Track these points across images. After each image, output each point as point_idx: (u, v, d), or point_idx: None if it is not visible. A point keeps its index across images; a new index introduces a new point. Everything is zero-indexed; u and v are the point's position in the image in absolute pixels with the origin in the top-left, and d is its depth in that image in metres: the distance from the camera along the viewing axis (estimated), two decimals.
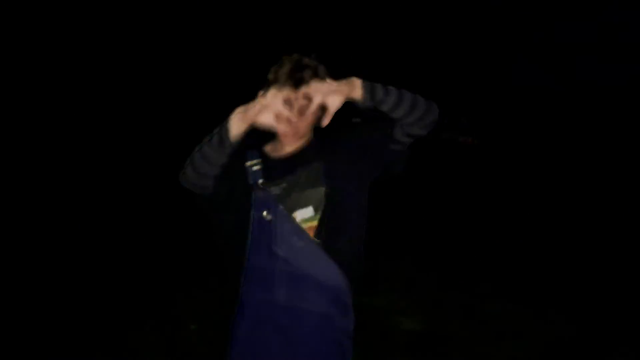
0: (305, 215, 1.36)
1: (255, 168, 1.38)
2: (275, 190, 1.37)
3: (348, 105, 1.29)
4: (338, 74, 1.35)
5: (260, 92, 1.33)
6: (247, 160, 1.40)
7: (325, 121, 1.27)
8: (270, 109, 1.24)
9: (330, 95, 1.24)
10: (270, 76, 1.38)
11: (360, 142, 1.42)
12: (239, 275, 1.35)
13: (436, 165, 10.68)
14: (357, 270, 1.38)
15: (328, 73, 1.39)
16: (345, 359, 1.37)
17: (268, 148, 1.47)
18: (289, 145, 1.44)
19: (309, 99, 1.30)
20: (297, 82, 1.34)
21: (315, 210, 1.37)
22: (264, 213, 1.32)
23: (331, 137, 1.43)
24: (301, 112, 1.35)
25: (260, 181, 1.36)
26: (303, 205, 1.37)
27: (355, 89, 1.28)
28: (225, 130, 1.28)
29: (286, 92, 1.31)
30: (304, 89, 1.30)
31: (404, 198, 7.12)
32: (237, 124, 1.27)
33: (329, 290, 1.32)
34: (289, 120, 1.33)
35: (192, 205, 1.45)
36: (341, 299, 1.34)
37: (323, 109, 1.27)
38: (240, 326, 1.35)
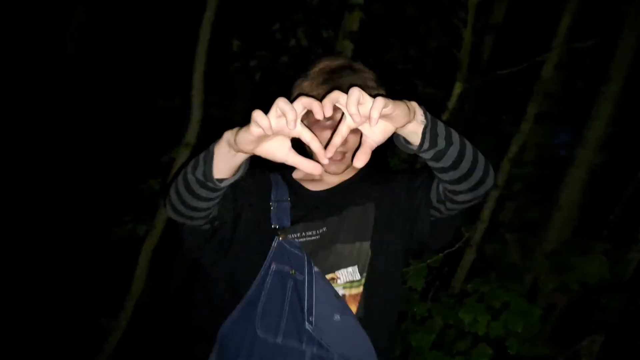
0: (350, 278, 0.96)
1: (281, 203, 0.97)
2: (310, 235, 0.97)
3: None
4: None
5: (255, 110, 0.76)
6: (270, 190, 1.00)
7: (360, 162, 0.78)
8: (282, 131, 0.73)
9: (376, 119, 0.72)
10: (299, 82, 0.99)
11: (404, 194, 1.01)
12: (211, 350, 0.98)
13: None
14: (388, 354, 1.04)
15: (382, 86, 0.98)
16: None
17: (301, 174, 1.05)
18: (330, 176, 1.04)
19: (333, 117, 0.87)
20: (330, 82, 0.92)
21: (361, 272, 0.97)
22: (290, 270, 0.92)
23: (380, 173, 1.04)
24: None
25: (288, 224, 0.95)
26: (347, 262, 0.96)
27: (411, 121, 0.78)
28: (210, 157, 0.83)
29: (308, 102, 0.74)
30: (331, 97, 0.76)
31: None
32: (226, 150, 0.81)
33: None
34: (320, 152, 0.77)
35: (179, 243, 0.99)
36: None
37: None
38: None
